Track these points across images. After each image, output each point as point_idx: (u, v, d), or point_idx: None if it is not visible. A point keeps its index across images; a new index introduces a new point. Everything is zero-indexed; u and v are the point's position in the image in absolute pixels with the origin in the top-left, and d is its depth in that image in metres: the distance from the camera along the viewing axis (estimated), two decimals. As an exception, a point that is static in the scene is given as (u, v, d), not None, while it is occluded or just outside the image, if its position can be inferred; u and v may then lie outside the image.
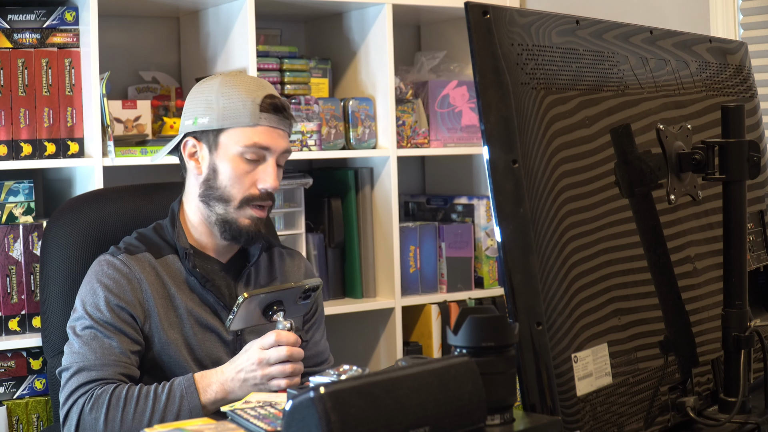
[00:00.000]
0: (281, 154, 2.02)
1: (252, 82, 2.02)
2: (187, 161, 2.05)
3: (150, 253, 2.01)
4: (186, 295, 1.99)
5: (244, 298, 1.80)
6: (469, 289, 3.19)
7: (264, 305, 1.85)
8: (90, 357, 1.91)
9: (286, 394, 1.60)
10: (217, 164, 2.00)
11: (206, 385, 1.88)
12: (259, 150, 1.98)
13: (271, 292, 1.85)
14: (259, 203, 2.00)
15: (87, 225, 2.17)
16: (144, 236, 2.06)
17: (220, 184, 1.99)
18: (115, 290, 1.95)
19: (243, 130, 1.98)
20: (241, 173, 1.98)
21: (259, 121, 1.97)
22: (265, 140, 1.98)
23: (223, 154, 1.99)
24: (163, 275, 1.99)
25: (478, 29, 1.31)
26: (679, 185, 1.54)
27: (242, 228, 1.99)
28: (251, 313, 1.84)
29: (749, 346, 1.49)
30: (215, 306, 2.01)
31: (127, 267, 1.98)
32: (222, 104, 1.99)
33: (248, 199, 1.99)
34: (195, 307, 1.99)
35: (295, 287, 1.88)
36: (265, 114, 1.98)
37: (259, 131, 1.98)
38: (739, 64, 1.82)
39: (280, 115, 2.00)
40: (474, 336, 1.23)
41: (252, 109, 1.97)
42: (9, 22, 2.48)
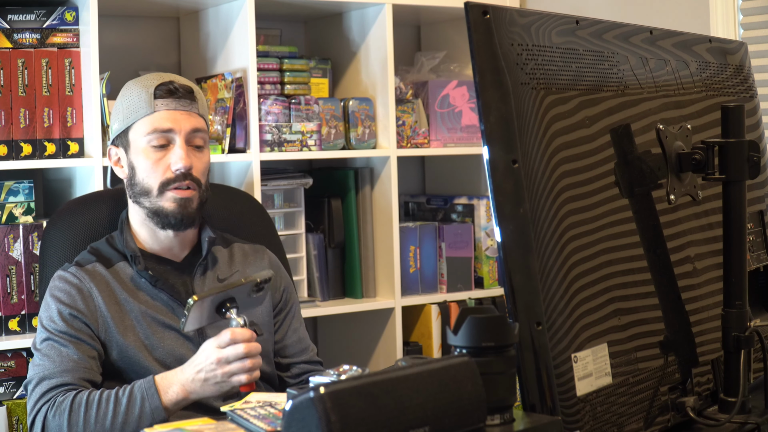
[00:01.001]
0: (190, 134, 2.04)
1: (149, 77, 2.08)
2: (115, 169, 2.11)
3: (100, 263, 2.04)
4: (139, 298, 2.02)
5: (193, 301, 1.81)
6: (469, 289, 3.19)
7: (216, 304, 1.85)
8: (49, 366, 1.94)
9: (286, 394, 1.60)
10: (133, 161, 2.05)
11: (167, 386, 1.89)
12: (162, 134, 2.02)
13: (221, 292, 1.85)
14: (177, 184, 2.02)
15: (85, 227, 2.18)
16: (95, 249, 2.09)
17: (139, 178, 2.03)
18: (66, 301, 1.99)
19: (143, 121, 2.03)
20: (153, 162, 2.02)
21: (155, 108, 2.02)
22: (165, 123, 2.02)
23: (135, 150, 2.04)
24: (113, 283, 2.02)
25: (478, 29, 1.31)
26: (679, 185, 1.54)
27: (168, 212, 2.02)
28: (204, 313, 1.85)
29: (749, 346, 1.49)
30: (170, 304, 2.03)
31: (77, 278, 2.01)
32: (124, 105, 2.06)
33: (165, 183, 2.01)
34: (149, 308, 2.01)
35: (245, 283, 1.88)
36: (161, 100, 2.03)
37: (157, 117, 2.02)
38: (739, 64, 1.82)
39: (176, 97, 2.04)
40: (474, 336, 1.23)
41: (147, 98, 2.03)
42: (9, 22, 2.48)
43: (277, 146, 2.84)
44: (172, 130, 2.02)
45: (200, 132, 2.06)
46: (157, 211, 2.02)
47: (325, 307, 2.93)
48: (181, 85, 2.06)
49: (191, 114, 2.05)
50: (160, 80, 2.05)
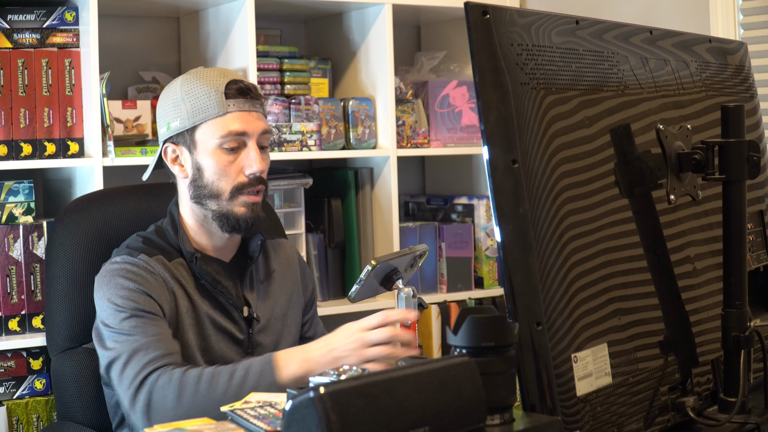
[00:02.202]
0: (261, 136, 1.99)
1: (212, 73, 2.00)
2: (172, 167, 2.04)
3: (162, 256, 2.00)
4: (200, 299, 1.99)
5: (372, 266, 1.76)
6: (469, 289, 3.19)
7: (382, 275, 1.82)
8: (141, 340, 1.87)
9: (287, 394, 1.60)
10: (199, 162, 1.98)
11: (286, 363, 1.82)
12: (236, 137, 1.96)
13: (394, 258, 1.81)
14: (249, 189, 1.98)
15: (92, 225, 2.18)
16: (150, 240, 2.04)
17: (207, 180, 1.98)
18: (141, 283, 1.93)
19: (215, 122, 1.96)
20: (224, 165, 1.96)
21: (227, 108, 1.96)
22: (239, 126, 1.96)
23: (203, 151, 1.98)
24: (179, 277, 1.98)
25: (477, 29, 1.31)
26: (679, 185, 1.54)
27: (240, 217, 1.97)
28: (371, 283, 1.81)
29: (749, 346, 1.49)
30: (227, 307, 2.01)
31: (150, 266, 1.96)
32: (188, 102, 1.98)
33: (238, 187, 1.97)
34: (209, 309, 1.99)
35: (410, 253, 1.85)
36: (233, 100, 1.96)
37: (230, 118, 1.96)
38: (739, 64, 1.82)
39: (247, 98, 1.98)
40: (474, 336, 1.23)
41: (218, 98, 1.95)
42: (9, 22, 2.48)
43: (277, 146, 2.84)
44: (246, 132, 1.96)
45: (267, 133, 2.02)
46: (227, 214, 1.97)
47: (325, 307, 2.93)
48: (250, 84, 2.00)
49: (260, 115, 2.01)
50: (227, 78, 1.98)
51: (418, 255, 1.89)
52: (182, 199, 2.06)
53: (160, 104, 2.05)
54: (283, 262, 2.17)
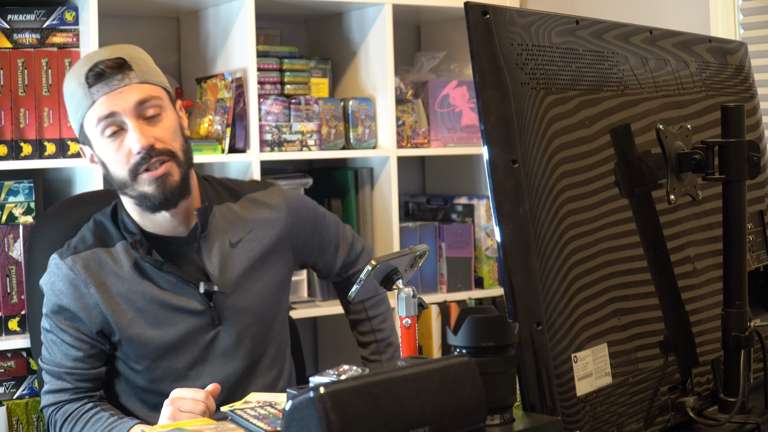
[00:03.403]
0: (137, 107, 1.89)
1: (81, 62, 1.93)
2: (94, 166, 2.01)
3: (101, 247, 1.98)
4: (143, 283, 1.96)
5: (372, 266, 1.76)
6: (469, 289, 3.19)
7: (382, 275, 1.82)
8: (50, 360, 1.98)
9: (286, 394, 1.60)
10: (100, 156, 1.95)
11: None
12: (108, 120, 1.89)
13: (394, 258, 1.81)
14: (146, 166, 1.89)
15: (72, 229, 2.13)
16: (100, 224, 2.02)
17: (111, 172, 1.94)
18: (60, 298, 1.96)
19: (88, 115, 1.91)
20: (114, 151, 1.91)
21: (93, 97, 1.89)
22: (104, 109, 1.88)
23: (97, 146, 1.94)
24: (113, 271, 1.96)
25: (477, 29, 1.31)
26: (679, 185, 1.54)
27: (150, 194, 1.91)
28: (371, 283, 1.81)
29: (749, 346, 1.49)
30: (179, 285, 1.97)
31: (72, 272, 1.96)
32: (69, 103, 1.95)
33: (134, 169, 1.90)
34: (157, 292, 1.96)
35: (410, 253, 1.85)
36: (94, 87, 1.89)
37: (96, 107, 1.89)
38: (739, 64, 1.82)
39: (104, 79, 1.88)
40: (474, 336, 1.23)
41: (83, 91, 1.90)
42: (9, 22, 2.48)
43: (277, 146, 2.84)
44: (115, 113, 1.88)
45: (148, 101, 1.90)
46: (140, 196, 1.92)
47: (325, 307, 2.93)
48: (108, 64, 1.88)
49: (130, 88, 1.89)
50: (88, 64, 1.89)
51: (418, 255, 1.89)
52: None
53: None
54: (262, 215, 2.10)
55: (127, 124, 1.89)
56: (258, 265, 2.07)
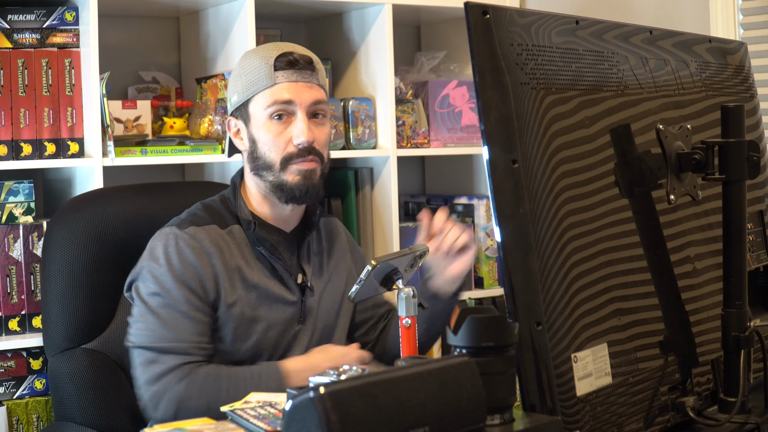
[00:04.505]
0: (312, 105, 2.01)
1: (267, 47, 2.04)
2: (234, 140, 2.09)
3: (216, 225, 2.02)
4: (252, 267, 2.01)
5: (372, 266, 1.77)
6: (469, 289, 3.19)
7: (382, 275, 1.82)
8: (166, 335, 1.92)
9: (286, 394, 1.60)
10: (254, 134, 2.02)
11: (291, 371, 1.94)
12: (282, 106, 1.99)
13: (394, 258, 1.82)
14: (299, 159, 1.99)
15: (89, 224, 2.17)
16: (209, 207, 2.06)
17: (261, 152, 2.01)
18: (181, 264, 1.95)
19: (264, 93, 1.99)
20: (274, 135, 1.99)
21: (275, 80, 1.99)
22: (285, 95, 1.98)
23: (255, 123, 2.02)
24: (230, 246, 2.00)
25: (477, 29, 1.31)
26: (679, 185, 1.54)
27: (292, 185, 2.00)
28: (371, 283, 1.81)
29: (749, 346, 1.49)
30: (281, 274, 2.03)
31: (195, 240, 1.97)
32: (243, 77, 2.02)
33: (287, 158, 1.99)
34: (261, 277, 2.01)
35: (410, 253, 1.85)
36: (281, 72, 1.99)
37: (277, 89, 1.99)
38: (738, 64, 1.82)
39: (295, 68, 2.00)
40: (474, 336, 1.23)
41: (266, 71, 1.99)
42: (9, 22, 2.48)
43: (277, 146, 2.84)
44: (293, 102, 1.99)
45: (321, 104, 2.03)
46: (281, 184, 2.00)
47: (325, 307, 2.93)
48: (301, 55, 2.02)
49: (312, 85, 2.02)
50: (279, 51, 2.01)
51: (418, 255, 1.89)
52: (247, 171, 2.08)
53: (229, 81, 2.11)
54: (334, 241, 2.20)
55: (297, 115, 2.00)
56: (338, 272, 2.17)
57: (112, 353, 2.16)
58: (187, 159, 2.70)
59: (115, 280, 2.18)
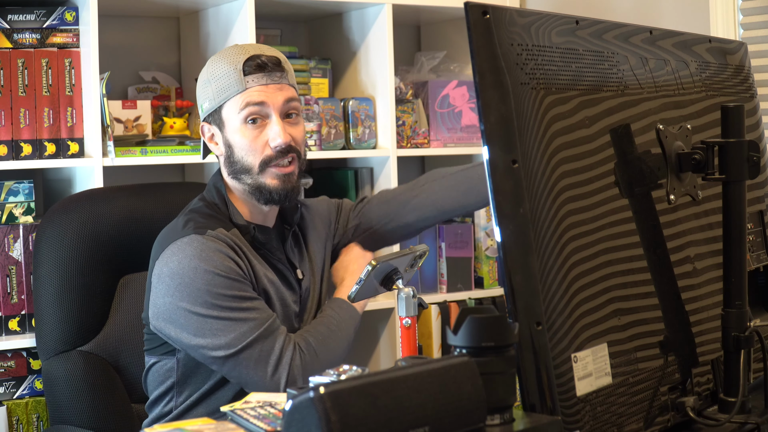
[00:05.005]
0: (284, 105, 2.01)
1: (232, 51, 2.03)
2: (210, 145, 2.09)
3: (222, 228, 2.00)
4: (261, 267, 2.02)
5: (372, 266, 1.77)
6: (469, 289, 3.19)
7: (382, 275, 1.82)
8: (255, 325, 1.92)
9: (286, 394, 1.60)
10: (229, 140, 2.03)
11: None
12: (255, 108, 1.99)
13: (394, 258, 1.82)
14: (278, 161, 2.00)
15: (80, 225, 2.16)
16: (205, 214, 2.04)
17: (237, 156, 2.02)
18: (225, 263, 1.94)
19: (235, 99, 2.00)
20: (250, 140, 2.00)
21: (246, 84, 1.99)
22: (257, 97, 1.98)
23: (230, 128, 2.02)
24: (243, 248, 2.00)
25: (477, 29, 1.31)
26: (679, 185, 1.54)
27: (272, 189, 2.01)
28: (371, 283, 1.81)
29: (749, 346, 1.49)
30: (284, 273, 2.06)
31: (221, 241, 1.96)
32: (213, 83, 2.02)
33: (266, 161, 2.00)
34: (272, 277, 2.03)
35: (410, 253, 1.85)
36: (251, 76, 1.99)
37: (249, 93, 1.99)
38: (738, 64, 1.82)
39: (265, 71, 2.00)
40: (474, 336, 1.23)
41: (236, 76, 1.99)
42: (9, 22, 2.48)
43: (277, 146, 2.84)
44: (265, 103, 1.99)
45: (293, 101, 2.03)
46: (259, 187, 2.01)
47: (325, 307, 2.93)
48: (269, 57, 2.01)
49: (282, 86, 2.02)
50: (246, 54, 2.00)
51: (418, 255, 1.89)
52: (224, 175, 2.08)
53: (197, 86, 2.10)
54: (315, 219, 2.21)
55: (271, 118, 2.00)
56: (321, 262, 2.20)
57: (107, 355, 2.16)
58: (187, 159, 2.70)
59: (108, 282, 2.17)
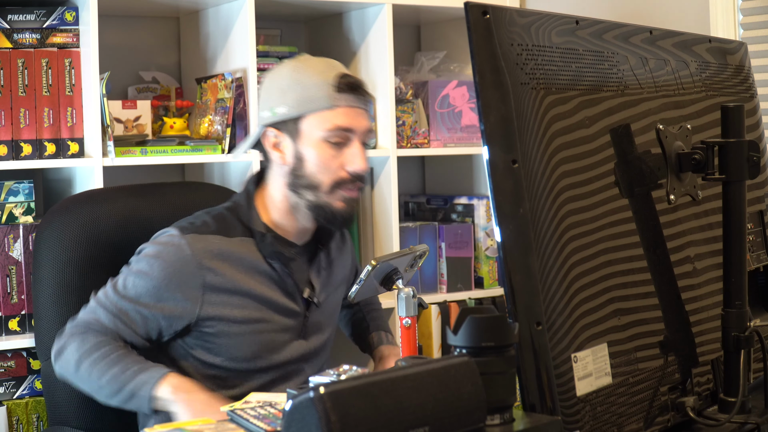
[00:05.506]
0: (365, 134, 1.97)
1: (322, 63, 1.98)
2: (271, 152, 2.00)
3: (221, 234, 1.97)
4: (255, 279, 1.97)
5: (372, 266, 1.75)
6: (469, 289, 3.19)
7: (382, 275, 1.81)
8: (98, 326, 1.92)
9: (286, 394, 1.60)
10: (301, 152, 1.95)
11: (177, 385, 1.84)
12: (342, 132, 1.93)
13: (394, 258, 1.81)
14: (350, 185, 1.96)
15: (79, 226, 2.14)
16: (218, 215, 2.01)
17: (307, 171, 1.95)
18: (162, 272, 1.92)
19: (322, 114, 1.93)
20: (327, 158, 1.94)
21: (337, 102, 1.93)
22: (347, 121, 1.93)
23: (306, 141, 1.95)
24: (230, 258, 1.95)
25: (477, 29, 1.31)
26: (679, 185, 1.54)
27: (336, 211, 1.96)
28: (371, 283, 1.80)
29: (749, 346, 1.49)
30: (288, 287, 2.00)
31: (190, 250, 1.93)
32: (297, 91, 1.95)
33: (338, 183, 1.95)
34: (265, 290, 1.98)
35: (410, 253, 1.84)
36: (343, 94, 1.93)
37: (338, 113, 1.93)
38: (738, 64, 1.82)
39: (357, 94, 1.95)
40: (474, 336, 1.23)
41: (327, 91, 1.93)
42: (9, 22, 2.48)
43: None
44: (352, 129, 1.94)
45: (371, 132, 2.00)
46: (323, 206, 1.96)
47: (325, 307, 2.93)
48: (357, 80, 1.97)
49: (366, 113, 1.98)
50: (337, 71, 1.95)
51: (418, 255, 1.89)
52: (273, 183, 2.02)
53: (264, 87, 2.02)
54: (341, 249, 2.18)
55: (352, 141, 1.95)
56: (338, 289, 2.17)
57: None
58: (187, 159, 2.70)
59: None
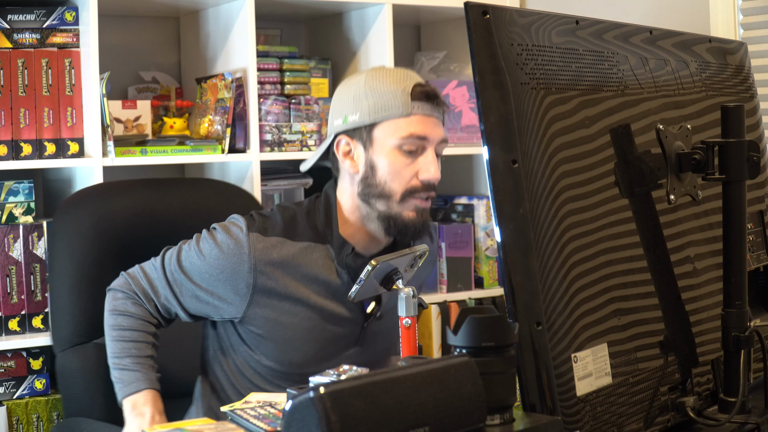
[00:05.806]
0: (439, 144, 1.93)
1: (398, 73, 1.96)
2: (342, 160, 1.97)
3: (286, 238, 1.94)
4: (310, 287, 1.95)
5: (372, 266, 1.72)
6: (469, 289, 3.19)
7: (382, 275, 1.80)
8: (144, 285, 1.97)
9: (286, 394, 1.60)
10: (374, 160, 1.92)
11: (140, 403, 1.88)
12: (416, 140, 1.90)
13: (394, 258, 1.80)
14: (422, 194, 1.92)
15: (95, 217, 2.17)
16: (290, 217, 1.98)
17: (380, 180, 1.92)
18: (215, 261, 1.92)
19: (397, 122, 1.91)
20: (400, 166, 1.90)
21: (412, 110, 1.90)
22: (422, 130, 1.90)
23: (379, 149, 1.92)
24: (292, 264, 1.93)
25: (477, 29, 1.31)
26: (679, 185, 1.54)
27: (407, 222, 1.92)
28: (371, 283, 1.80)
29: (749, 346, 1.49)
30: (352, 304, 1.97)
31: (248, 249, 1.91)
32: (372, 98, 1.92)
33: (410, 191, 1.91)
34: (320, 300, 1.95)
35: (410, 253, 1.84)
36: (418, 102, 1.91)
37: (413, 121, 1.90)
38: (738, 64, 1.82)
39: (432, 103, 1.92)
40: (474, 336, 1.23)
41: (403, 99, 1.90)
42: (9, 22, 2.48)
43: (277, 146, 2.84)
44: (427, 137, 1.91)
45: (444, 143, 1.95)
46: (394, 217, 1.92)
47: (325, 307, 2.93)
48: (433, 89, 1.94)
49: (440, 122, 1.95)
50: (412, 80, 1.93)
51: (418, 255, 1.88)
52: (345, 192, 1.98)
53: (338, 96, 2.00)
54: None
55: (426, 150, 1.91)
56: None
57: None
58: (186, 159, 2.70)
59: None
